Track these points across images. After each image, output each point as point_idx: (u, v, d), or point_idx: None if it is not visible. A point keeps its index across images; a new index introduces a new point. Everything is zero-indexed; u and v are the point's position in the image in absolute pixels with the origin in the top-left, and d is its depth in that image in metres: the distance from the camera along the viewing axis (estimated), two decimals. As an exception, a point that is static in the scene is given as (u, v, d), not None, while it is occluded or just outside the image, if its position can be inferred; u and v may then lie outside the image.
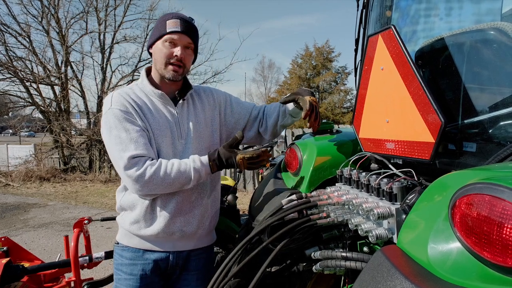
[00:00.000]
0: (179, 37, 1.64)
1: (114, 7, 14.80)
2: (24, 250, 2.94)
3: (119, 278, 1.72)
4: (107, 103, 1.63)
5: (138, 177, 1.51)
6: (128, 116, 1.59)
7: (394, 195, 1.17)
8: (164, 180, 1.53)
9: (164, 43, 1.65)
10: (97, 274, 3.73)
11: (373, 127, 1.53)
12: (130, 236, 1.71)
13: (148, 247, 1.70)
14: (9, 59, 13.26)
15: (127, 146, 1.53)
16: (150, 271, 1.69)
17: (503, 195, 0.68)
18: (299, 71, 31.13)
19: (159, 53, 1.66)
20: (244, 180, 10.25)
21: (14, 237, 5.62)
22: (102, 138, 1.65)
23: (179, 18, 1.66)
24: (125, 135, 1.55)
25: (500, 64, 1.30)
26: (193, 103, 1.79)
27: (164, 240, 1.70)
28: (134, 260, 1.70)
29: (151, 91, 1.70)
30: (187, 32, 1.66)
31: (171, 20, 1.64)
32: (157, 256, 1.70)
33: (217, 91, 1.94)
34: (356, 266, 1.16)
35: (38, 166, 13.10)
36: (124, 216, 1.73)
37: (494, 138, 1.24)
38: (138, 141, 1.55)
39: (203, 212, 1.76)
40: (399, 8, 1.82)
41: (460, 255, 0.76)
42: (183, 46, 1.66)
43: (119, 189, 1.77)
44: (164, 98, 1.70)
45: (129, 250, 1.71)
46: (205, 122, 1.79)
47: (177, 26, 1.64)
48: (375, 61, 1.46)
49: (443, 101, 1.38)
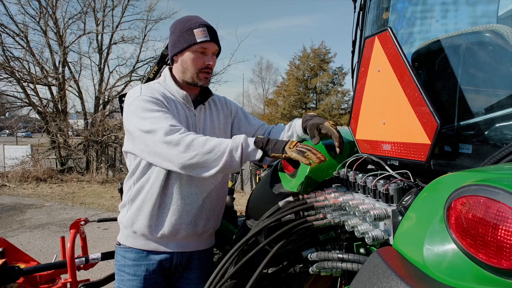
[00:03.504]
0: (209, 46, 1.70)
1: (112, 7, 14.80)
2: (20, 251, 2.93)
3: (121, 279, 1.72)
4: (135, 93, 1.65)
5: (181, 139, 1.43)
6: (159, 102, 1.60)
7: (391, 197, 1.17)
8: (205, 145, 1.44)
9: (195, 53, 1.69)
10: (94, 275, 3.71)
11: (370, 128, 1.53)
12: (135, 237, 1.71)
13: (153, 247, 1.70)
14: (6, 59, 13.22)
15: (164, 120, 1.51)
16: (154, 271, 1.71)
17: (498, 197, 0.69)
18: (296, 73, 31.15)
19: (190, 62, 1.70)
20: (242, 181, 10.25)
21: (10, 238, 5.59)
22: (127, 126, 1.61)
23: (205, 25, 1.70)
24: (159, 114, 1.53)
25: (496, 66, 1.30)
26: (209, 109, 1.85)
27: (169, 240, 1.71)
28: (138, 261, 1.70)
29: (176, 91, 1.74)
30: (214, 39, 1.72)
31: (199, 30, 1.68)
32: (161, 257, 1.71)
33: (230, 101, 2.00)
34: (352, 268, 1.16)
35: (35, 167, 13.05)
36: (129, 216, 1.71)
37: (490, 140, 1.25)
38: (173, 119, 1.55)
39: (209, 214, 1.79)
40: (396, 10, 1.83)
41: (455, 256, 0.77)
42: (213, 54, 1.73)
43: (126, 188, 1.76)
44: (187, 99, 1.75)
45: (132, 251, 1.71)
46: (219, 129, 1.85)
47: (206, 35, 1.68)
48: (371, 63, 1.46)
49: (439, 103, 1.38)
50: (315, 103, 31.07)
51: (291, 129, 1.85)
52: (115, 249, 1.85)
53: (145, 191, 1.67)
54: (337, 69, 30.85)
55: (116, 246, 1.80)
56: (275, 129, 1.96)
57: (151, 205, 1.65)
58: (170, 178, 1.67)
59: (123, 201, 1.78)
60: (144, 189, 1.68)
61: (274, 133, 1.94)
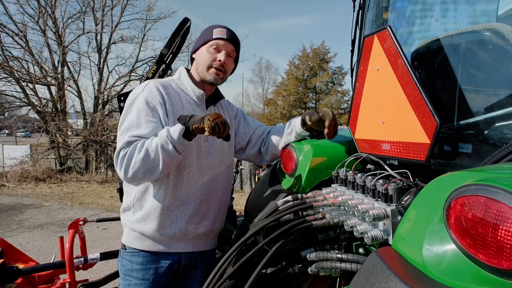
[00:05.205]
0: (224, 44, 1.75)
1: (111, 7, 14.78)
2: (19, 251, 2.92)
3: (128, 283, 1.71)
4: (139, 88, 1.68)
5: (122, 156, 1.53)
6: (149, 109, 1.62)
7: (390, 196, 1.17)
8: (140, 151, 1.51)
9: (209, 48, 1.75)
10: (92, 276, 3.71)
11: (369, 128, 1.53)
12: (143, 239, 1.69)
13: (161, 249, 1.70)
14: (5, 59, 13.20)
15: (132, 130, 1.57)
16: (162, 274, 1.70)
17: (498, 197, 0.68)
18: (296, 72, 31.18)
19: (202, 57, 1.76)
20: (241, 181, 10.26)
21: (9, 238, 5.58)
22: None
23: (226, 28, 1.79)
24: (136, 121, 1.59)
25: (495, 65, 1.30)
26: (218, 111, 1.90)
27: (178, 241, 1.71)
28: (146, 264, 1.69)
29: (192, 89, 1.77)
30: (232, 40, 1.78)
31: (218, 29, 1.76)
32: (169, 259, 1.71)
33: (232, 104, 2.06)
34: (351, 268, 1.15)
35: (34, 167, 13.04)
36: (136, 220, 1.69)
37: (490, 139, 1.24)
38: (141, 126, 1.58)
39: (216, 214, 1.81)
40: (395, 9, 1.82)
41: (455, 256, 0.76)
42: (227, 53, 1.76)
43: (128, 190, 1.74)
44: (201, 98, 1.78)
45: (139, 255, 1.70)
46: None
47: (223, 34, 1.75)
48: (370, 62, 1.46)
49: (438, 102, 1.37)
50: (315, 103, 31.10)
51: (291, 126, 1.87)
52: (118, 252, 1.83)
53: (152, 193, 1.66)
54: (337, 68, 30.91)
55: (121, 250, 1.78)
56: (275, 129, 1.98)
57: (161, 208, 1.64)
58: (179, 180, 1.67)
59: (125, 203, 1.76)
60: (151, 192, 1.66)
61: (274, 132, 1.95)
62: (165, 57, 2.84)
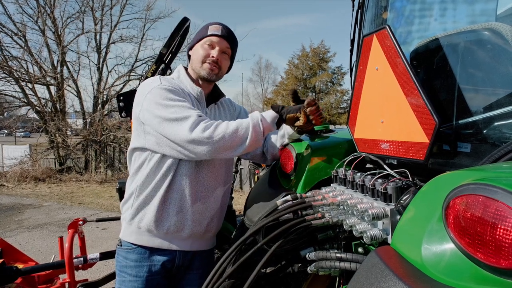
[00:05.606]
0: (218, 40, 1.75)
1: (110, 6, 14.78)
2: (18, 251, 2.92)
3: (123, 280, 1.72)
4: (154, 82, 1.65)
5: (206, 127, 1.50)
6: (180, 92, 1.64)
7: (389, 196, 1.17)
8: (228, 128, 1.53)
9: (203, 45, 1.75)
10: (92, 275, 3.71)
11: (368, 127, 1.53)
12: (139, 232, 1.70)
13: (157, 244, 1.70)
14: (4, 59, 13.18)
15: (190, 109, 1.56)
16: (156, 272, 1.70)
17: (497, 196, 0.68)
18: (295, 72, 31.18)
19: (196, 53, 1.77)
20: (241, 180, 10.25)
21: (9, 238, 5.58)
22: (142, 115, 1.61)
23: (221, 24, 1.78)
24: (185, 104, 1.57)
25: (494, 64, 1.30)
26: (219, 109, 1.90)
27: (173, 237, 1.71)
28: (140, 261, 1.70)
29: (191, 87, 1.77)
30: (227, 37, 1.77)
31: (214, 26, 1.77)
32: (163, 257, 1.71)
33: (234, 103, 2.06)
34: (350, 267, 1.15)
35: (33, 167, 13.03)
36: (133, 211, 1.70)
37: (489, 139, 1.24)
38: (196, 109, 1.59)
39: (213, 214, 1.80)
40: (394, 9, 1.82)
41: (453, 256, 0.76)
42: (221, 49, 1.76)
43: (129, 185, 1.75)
44: (200, 96, 1.78)
45: (134, 252, 1.71)
46: None
47: (218, 30, 1.76)
48: (370, 61, 1.46)
49: (437, 102, 1.37)
50: (314, 103, 31.05)
51: (283, 129, 1.87)
52: (115, 250, 1.84)
53: (151, 186, 1.67)
54: (336, 68, 30.92)
55: (117, 247, 1.79)
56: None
57: (158, 200, 1.65)
58: (177, 175, 1.67)
59: (125, 197, 1.77)
60: (150, 185, 1.67)
61: (271, 133, 1.95)
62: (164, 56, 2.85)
